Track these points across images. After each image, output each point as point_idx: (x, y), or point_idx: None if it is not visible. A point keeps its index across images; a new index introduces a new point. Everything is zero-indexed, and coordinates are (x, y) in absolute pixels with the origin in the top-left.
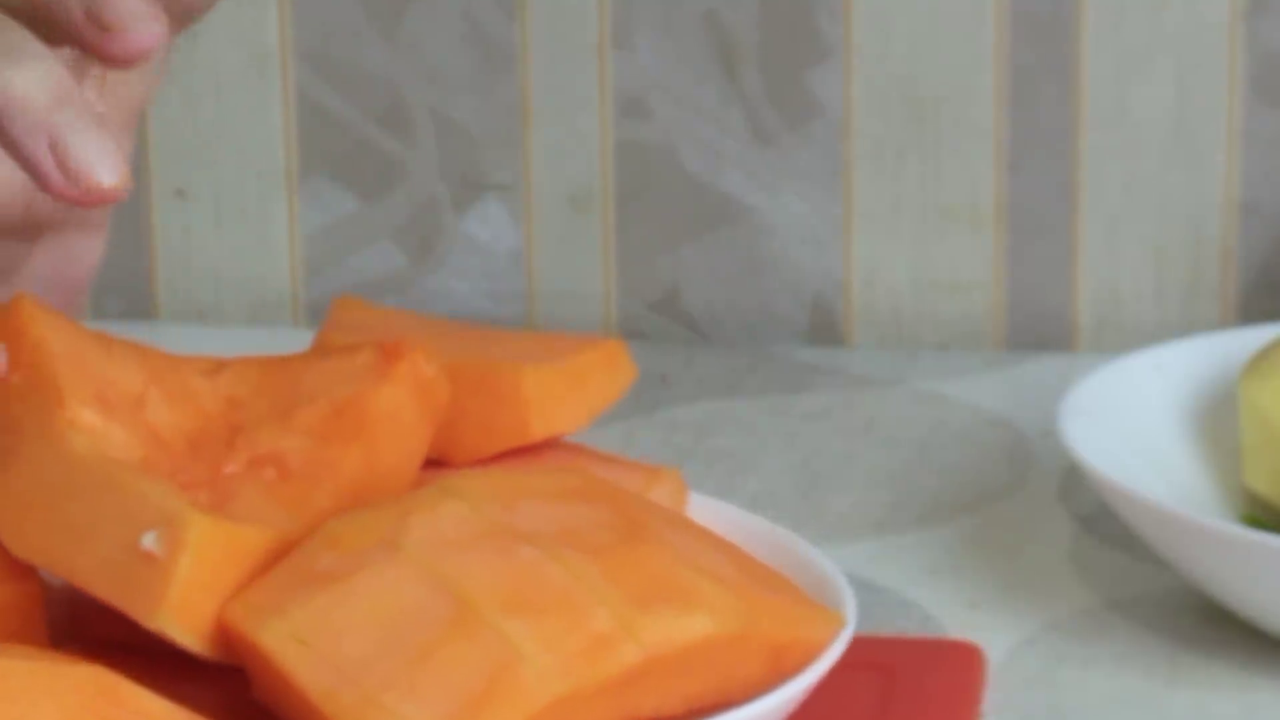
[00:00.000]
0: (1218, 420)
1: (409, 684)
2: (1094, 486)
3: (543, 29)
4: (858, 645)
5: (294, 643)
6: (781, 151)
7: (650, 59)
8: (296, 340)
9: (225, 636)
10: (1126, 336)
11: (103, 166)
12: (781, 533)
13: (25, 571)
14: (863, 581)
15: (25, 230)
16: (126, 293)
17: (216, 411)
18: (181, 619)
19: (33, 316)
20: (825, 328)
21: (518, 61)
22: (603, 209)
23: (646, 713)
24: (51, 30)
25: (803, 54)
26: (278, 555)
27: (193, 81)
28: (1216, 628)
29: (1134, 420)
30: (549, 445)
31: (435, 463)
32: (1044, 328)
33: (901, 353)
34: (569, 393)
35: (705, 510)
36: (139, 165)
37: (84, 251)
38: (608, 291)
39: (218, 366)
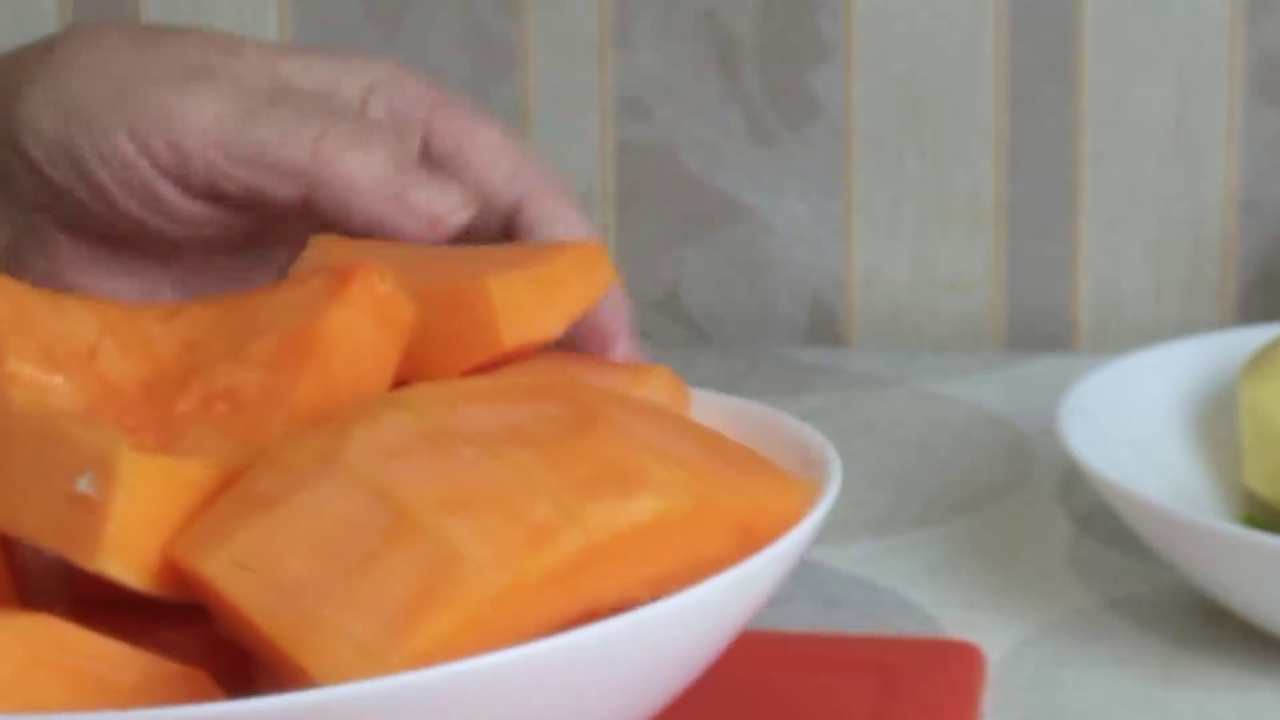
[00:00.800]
0: (1218, 420)
1: (347, 596)
2: (1093, 486)
3: (543, 29)
4: (858, 645)
5: (236, 569)
6: (781, 151)
7: (650, 59)
8: None
9: (175, 572)
10: (1126, 336)
11: (443, 205)
12: (771, 412)
13: None
14: (863, 581)
15: None
16: None
17: (173, 356)
18: (122, 559)
19: None
20: (825, 328)
21: (518, 61)
22: (603, 209)
23: (609, 601)
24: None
25: (803, 54)
26: (225, 486)
27: None
28: (1216, 628)
29: (1134, 420)
30: (528, 354)
31: (408, 383)
32: (1044, 328)
33: (901, 353)
34: (541, 299)
35: (706, 402)
36: None
37: None
38: None
39: (175, 311)
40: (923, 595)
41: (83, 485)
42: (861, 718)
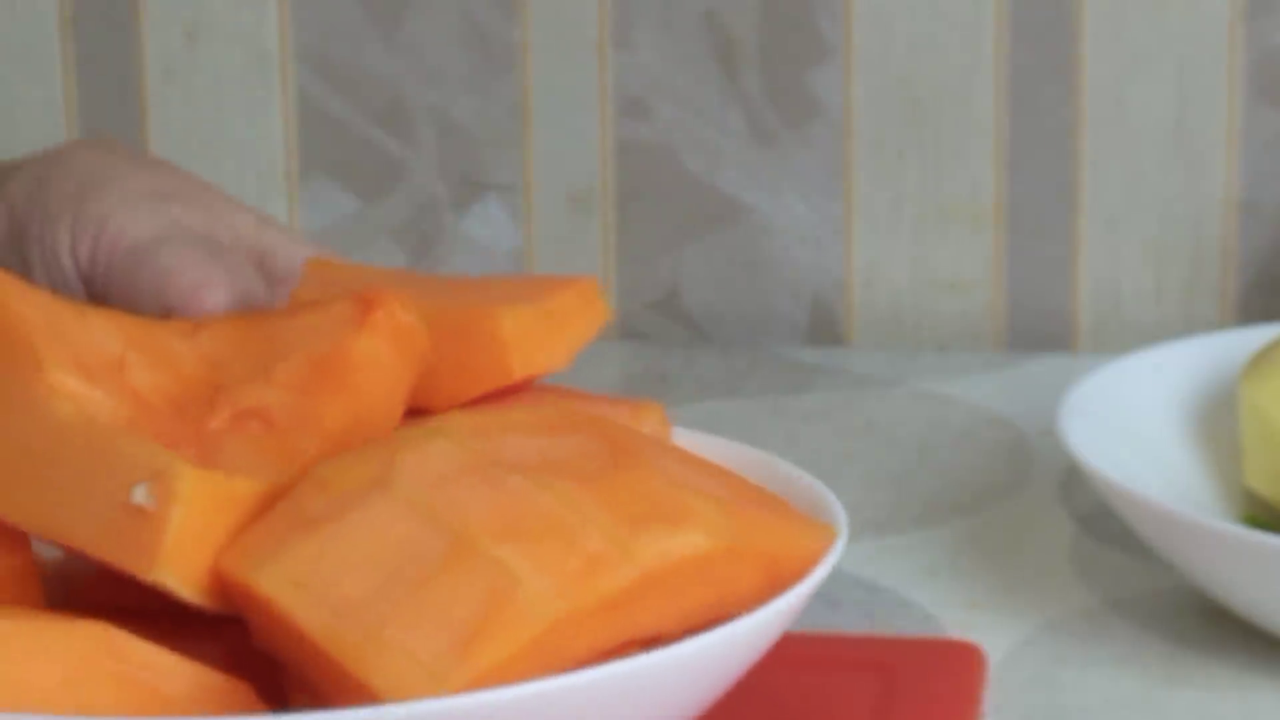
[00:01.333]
0: (1218, 420)
1: (409, 617)
2: (1093, 486)
3: (543, 29)
4: (858, 645)
5: (291, 586)
6: (781, 151)
7: (650, 59)
8: None
9: (222, 586)
10: (1126, 336)
11: None
12: (766, 457)
13: (17, 544)
14: (863, 581)
15: None
16: None
17: (197, 372)
18: (178, 570)
19: (3, 285)
20: (825, 328)
21: (518, 61)
22: (603, 209)
23: (646, 631)
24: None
25: (803, 54)
26: (269, 504)
27: (193, 81)
28: (1217, 627)
29: (1134, 420)
30: (528, 387)
31: (417, 410)
32: (1044, 328)
33: (901, 353)
34: (547, 332)
35: (689, 441)
36: None
37: None
38: (607, 291)
39: (195, 328)
40: (923, 595)
41: (139, 497)
42: (861, 718)
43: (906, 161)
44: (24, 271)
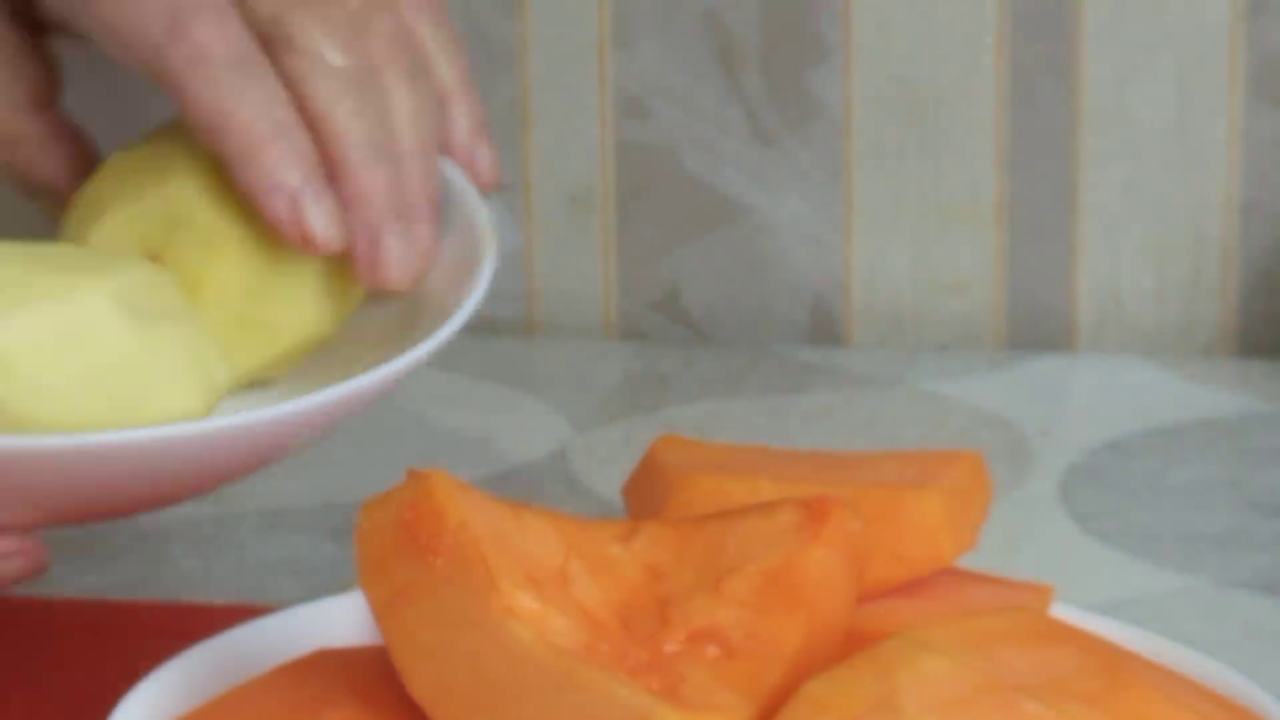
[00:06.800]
0: None
1: None
2: None
3: (543, 29)
4: None
5: None
6: (781, 151)
7: (650, 59)
8: None
9: None
10: (1126, 336)
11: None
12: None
13: None
14: None
15: None
16: None
17: (639, 582)
18: None
19: (449, 495)
20: (825, 328)
21: (518, 61)
22: (603, 209)
23: None
24: None
25: (803, 54)
26: None
27: None
28: (1218, 628)
29: None
30: (934, 572)
31: None
32: (1044, 328)
33: (901, 353)
34: (960, 513)
35: (1085, 624)
36: None
37: None
38: (608, 291)
39: (630, 530)
40: None
41: None
42: None
43: (906, 161)
44: None
